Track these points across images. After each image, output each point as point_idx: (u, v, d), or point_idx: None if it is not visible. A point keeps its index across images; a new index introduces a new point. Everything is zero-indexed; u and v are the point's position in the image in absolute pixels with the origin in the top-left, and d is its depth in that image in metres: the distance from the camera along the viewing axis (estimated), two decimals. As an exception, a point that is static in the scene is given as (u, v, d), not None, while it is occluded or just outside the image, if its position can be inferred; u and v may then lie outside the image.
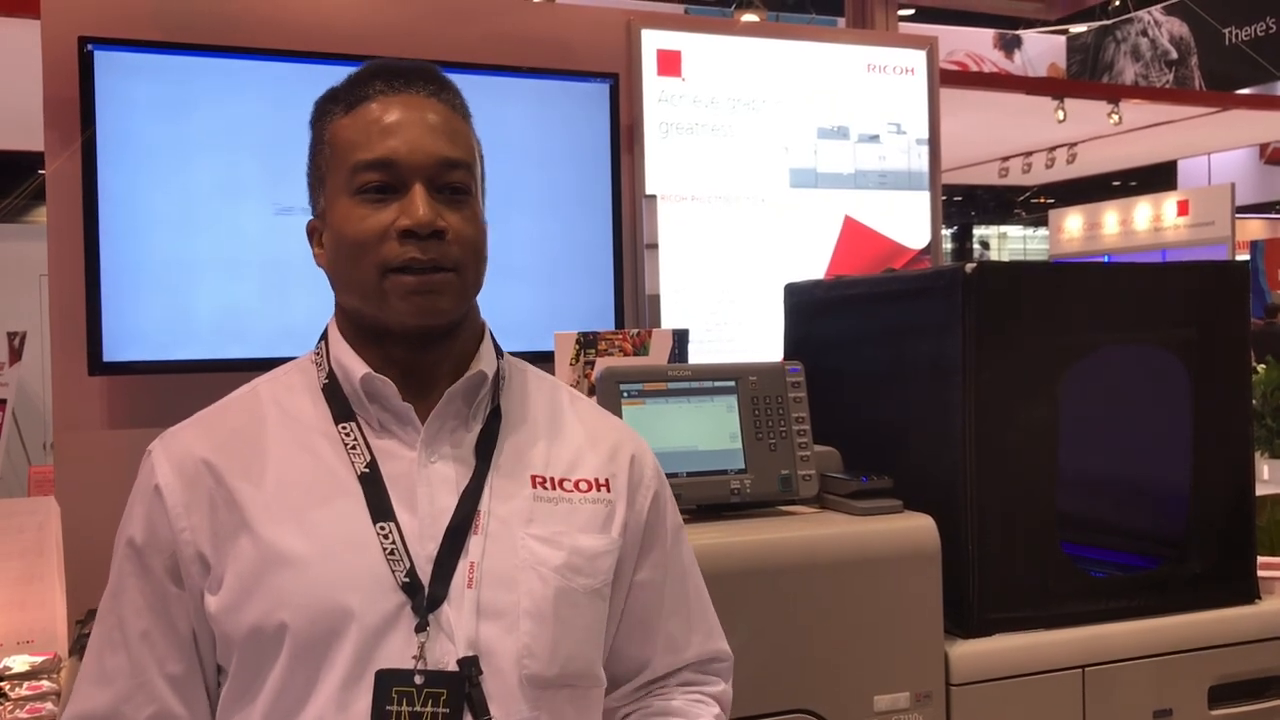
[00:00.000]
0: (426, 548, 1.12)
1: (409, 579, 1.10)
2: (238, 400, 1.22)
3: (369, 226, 1.12)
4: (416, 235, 1.12)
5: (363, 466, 1.14)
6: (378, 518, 1.12)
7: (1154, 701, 2.04)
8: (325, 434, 1.17)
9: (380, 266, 1.12)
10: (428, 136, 1.15)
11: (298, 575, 1.09)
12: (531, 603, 1.13)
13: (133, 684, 1.13)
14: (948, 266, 2.04)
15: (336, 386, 1.19)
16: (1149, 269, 2.29)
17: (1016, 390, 1.99)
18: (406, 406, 1.16)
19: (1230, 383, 2.15)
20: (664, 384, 1.94)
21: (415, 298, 1.12)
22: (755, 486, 1.93)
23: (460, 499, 1.15)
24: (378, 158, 1.13)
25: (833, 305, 2.38)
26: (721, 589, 1.75)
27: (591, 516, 1.21)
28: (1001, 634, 1.97)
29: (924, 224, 3.35)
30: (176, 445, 1.17)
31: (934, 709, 1.89)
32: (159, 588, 1.13)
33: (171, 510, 1.13)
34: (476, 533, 1.14)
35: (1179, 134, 9.72)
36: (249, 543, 1.11)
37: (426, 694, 1.06)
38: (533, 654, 1.12)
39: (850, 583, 1.84)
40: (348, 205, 1.14)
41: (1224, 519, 2.14)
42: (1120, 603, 2.06)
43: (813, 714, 1.81)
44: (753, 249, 3.12)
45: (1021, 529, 1.99)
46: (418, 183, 1.13)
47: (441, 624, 1.09)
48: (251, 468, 1.15)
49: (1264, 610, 2.14)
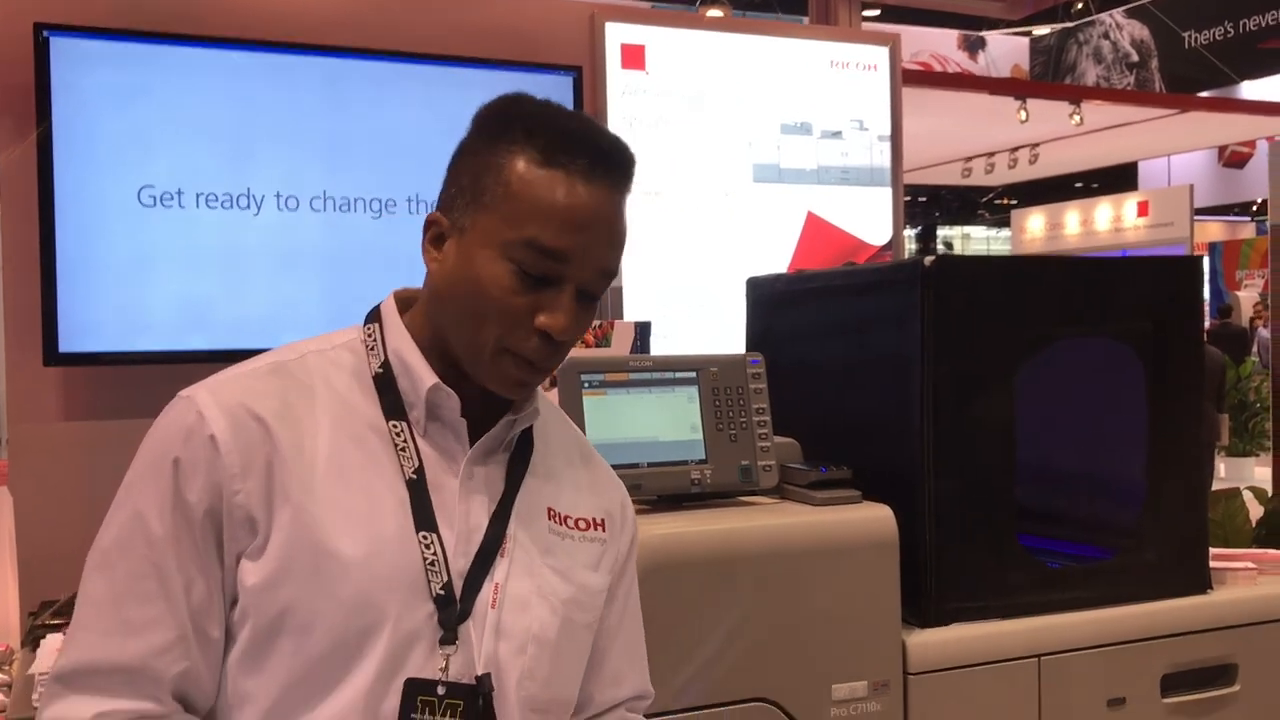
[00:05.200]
0: (459, 563, 1.14)
1: (444, 591, 1.11)
2: (287, 367, 1.16)
3: (512, 304, 1.10)
4: (551, 340, 1.11)
5: (411, 471, 1.14)
6: (421, 526, 1.12)
7: (1108, 690, 2.06)
8: (374, 427, 1.15)
9: (501, 342, 1.11)
10: (605, 246, 1.13)
11: (342, 569, 1.08)
12: (540, 629, 1.17)
13: (170, 637, 1.07)
14: (907, 260, 2.06)
15: (391, 380, 1.17)
16: (1105, 262, 2.32)
17: (975, 382, 2.01)
18: (462, 421, 1.16)
19: (1184, 376, 2.18)
20: (625, 374, 1.94)
21: (515, 385, 1.14)
22: (715, 477, 1.93)
23: (491, 520, 1.17)
24: (559, 248, 1.09)
25: (794, 298, 2.39)
26: (681, 578, 1.77)
27: (590, 554, 1.25)
28: (958, 623, 1.99)
29: (886, 220, 3.37)
30: (228, 396, 1.11)
31: (891, 698, 1.90)
32: (206, 542, 1.08)
33: (228, 467, 1.08)
34: (503, 556, 1.16)
35: (1139, 135, 9.85)
36: (298, 520, 1.08)
37: (446, 704, 1.09)
38: (533, 677, 1.17)
39: (809, 572, 1.85)
40: (498, 262, 1.10)
41: (1177, 511, 2.17)
42: (1075, 593, 2.08)
43: (771, 703, 1.82)
44: (716, 243, 3.14)
45: (979, 519, 2.01)
46: (574, 287, 1.11)
47: (464, 639, 1.12)
48: (304, 442, 1.11)
49: (1215, 600, 2.17)
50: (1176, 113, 9.19)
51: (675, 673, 1.76)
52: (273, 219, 2.56)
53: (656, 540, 1.77)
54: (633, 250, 2.96)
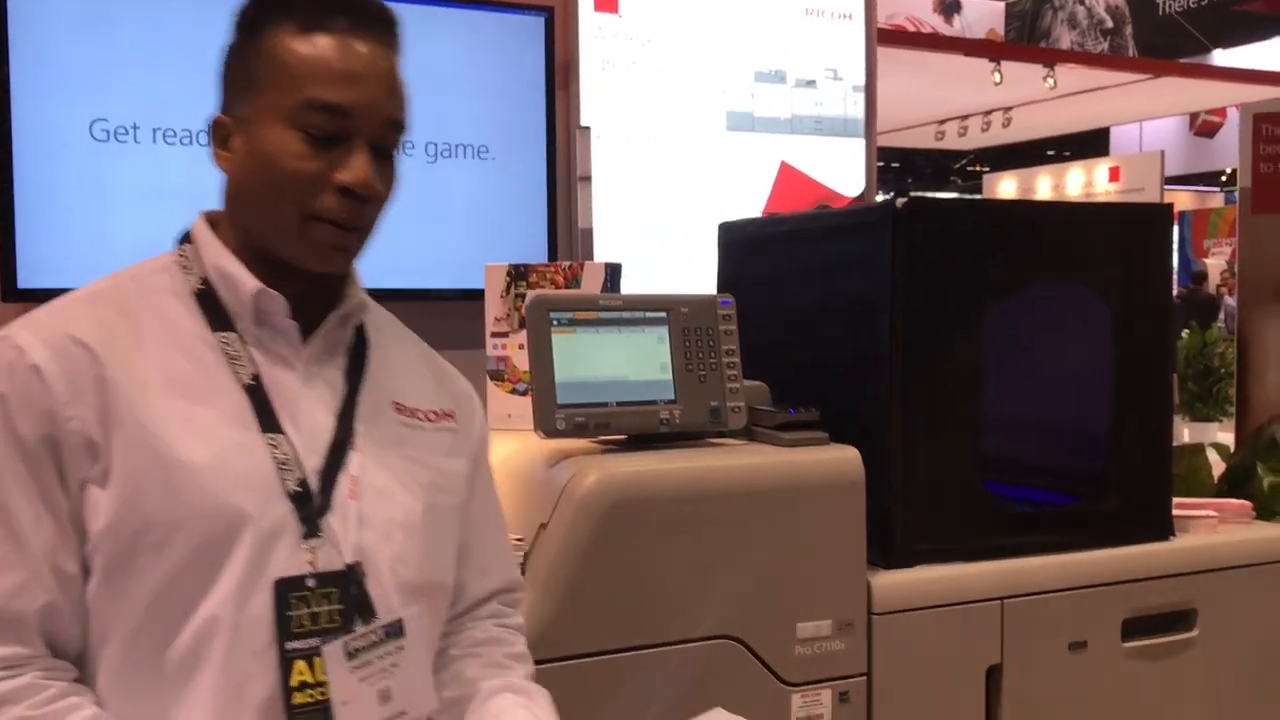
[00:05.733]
0: (311, 461, 1.16)
1: (300, 488, 1.13)
2: (104, 295, 1.17)
3: (305, 169, 1.13)
4: (353, 195, 1.14)
5: (248, 378, 1.15)
6: (266, 428, 1.14)
7: (1070, 633, 2.08)
8: (204, 341, 1.16)
9: (305, 211, 1.14)
10: (385, 96, 1.16)
11: (193, 477, 1.09)
12: (404, 514, 1.20)
13: (23, 575, 1.06)
14: (880, 202, 2.05)
15: (213, 294, 1.18)
16: (1076, 208, 2.32)
17: (944, 325, 2.01)
18: (292, 324, 1.19)
19: (1152, 323, 2.19)
20: (595, 313, 1.92)
21: (330, 251, 1.16)
22: (684, 417, 1.92)
23: (338, 417, 1.20)
24: (338, 104, 1.12)
25: (765, 242, 2.38)
26: (648, 517, 1.76)
27: (443, 442, 1.30)
28: (923, 565, 2.00)
29: (859, 171, 3.36)
30: (46, 327, 1.11)
31: (855, 637, 1.91)
32: (46, 476, 1.07)
33: (56, 395, 1.07)
34: (354, 449, 1.19)
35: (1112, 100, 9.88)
36: (138, 438, 1.08)
37: (320, 594, 1.12)
38: (404, 561, 1.20)
39: (775, 512, 1.85)
40: (285, 135, 1.13)
41: (1142, 458, 2.19)
42: (1039, 537, 2.09)
43: (736, 640, 1.83)
44: (689, 191, 3.11)
45: (945, 462, 2.02)
46: (362, 138, 1.14)
47: (328, 532, 1.14)
48: (133, 362, 1.11)
49: (1177, 547, 2.20)
50: (1149, 78, 9.21)
51: (641, 610, 1.76)
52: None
53: (623, 478, 1.77)
54: (603, 194, 2.96)
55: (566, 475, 1.77)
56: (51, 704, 1.05)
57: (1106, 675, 2.10)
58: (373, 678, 1.14)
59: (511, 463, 1.96)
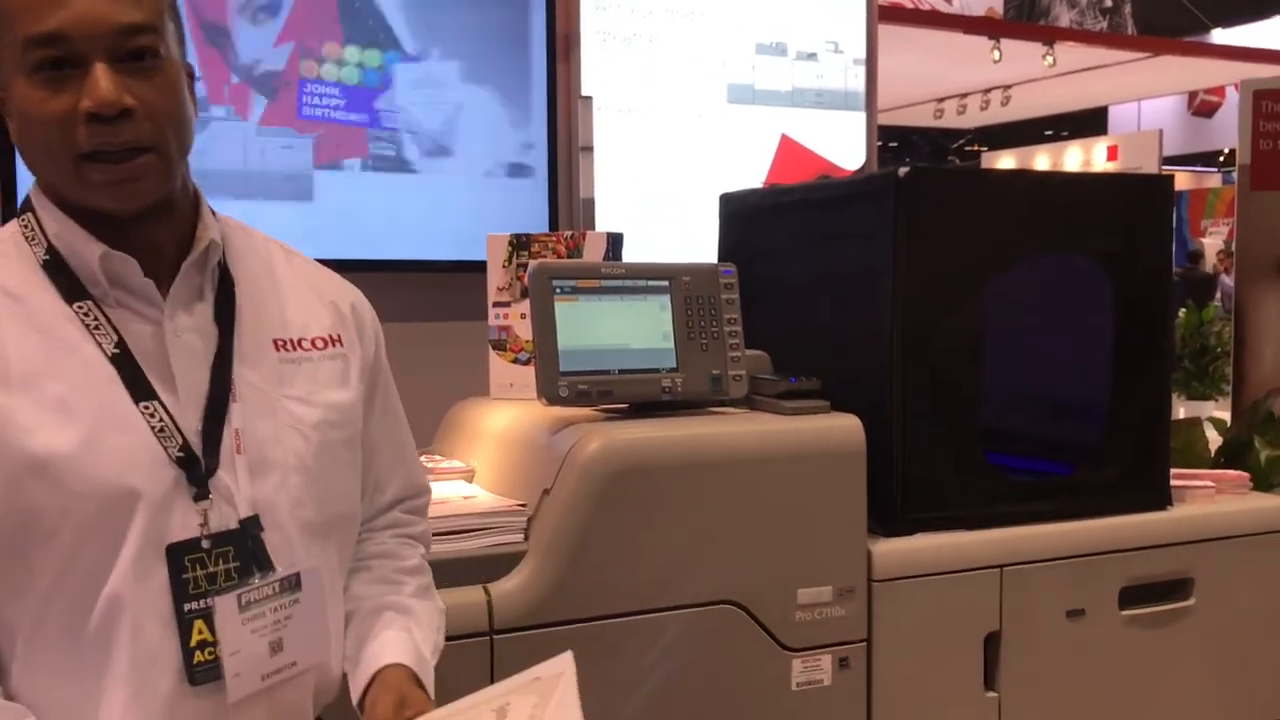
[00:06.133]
0: (191, 421, 1.13)
1: (183, 453, 1.11)
2: None
3: (51, 111, 1.06)
4: (102, 118, 1.05)
5: (112, 347, 1.11)
6: (139, 397, 1.10)
7: (1068, 601, 2.09)
8: (59, 314, 1.11)
9: (72, 154, 1.07)
10: (104, 4, 1.06)
11: (72, 463, 1.06)
12: (297, 459, 1.18)
13: None
14: (882, 171, 2.05)
15: (61, 263, 1.12)
16: (1078, 179, 2.32)
17: (945, 294, 2.02)
18: (148, 283, 1.13)
19: (1151, 294, 2.20)
20: (597, 281, 1.93)
21: (114, 187, 1.08)
22: (686, 385, 1.93)
23: (213, 370, 1.15)
24: (48, 32, 1.04)
25: (767, 213, 2.38)
26: (651, 483, 1.77)
27: (332, 372, 1.25)
28: (923, 533, 2.01)
29: (859, 145, 3.36)
30: None
31: (856, 604, 1.92)
32: None
33: None
34: (235, 400, 1.16)
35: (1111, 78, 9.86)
36: (6, 435, 1.05)
37: (216, 554, 1.11)
38: (303, 504, 1.18)
39: (776, 480, 1.86)
40: (25, 85, 1.06)
41: (1140, 427, 2.20)
42: (1038, 506, 2.10)
43: (737, 605, 1.84)
44: (689, 163, 3.12)
45: (945, 431, 2.03)
46: (97, 58, 1.05)
47: (219, 490, 1.13)
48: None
49: (1175, 516, 2.21)
50: (1148, 56, 9.21)
51: (643, 574, 1.77)
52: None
53: (626, 445, 1.77)
54: (605, 165, 2.96)
55: (569, 442, 1.78)
56: None
57: (1104, 643, 2.12)
58: (264, 630, 1.14)
59: (515, 429, 1.97)
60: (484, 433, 2.06)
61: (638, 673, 1.77)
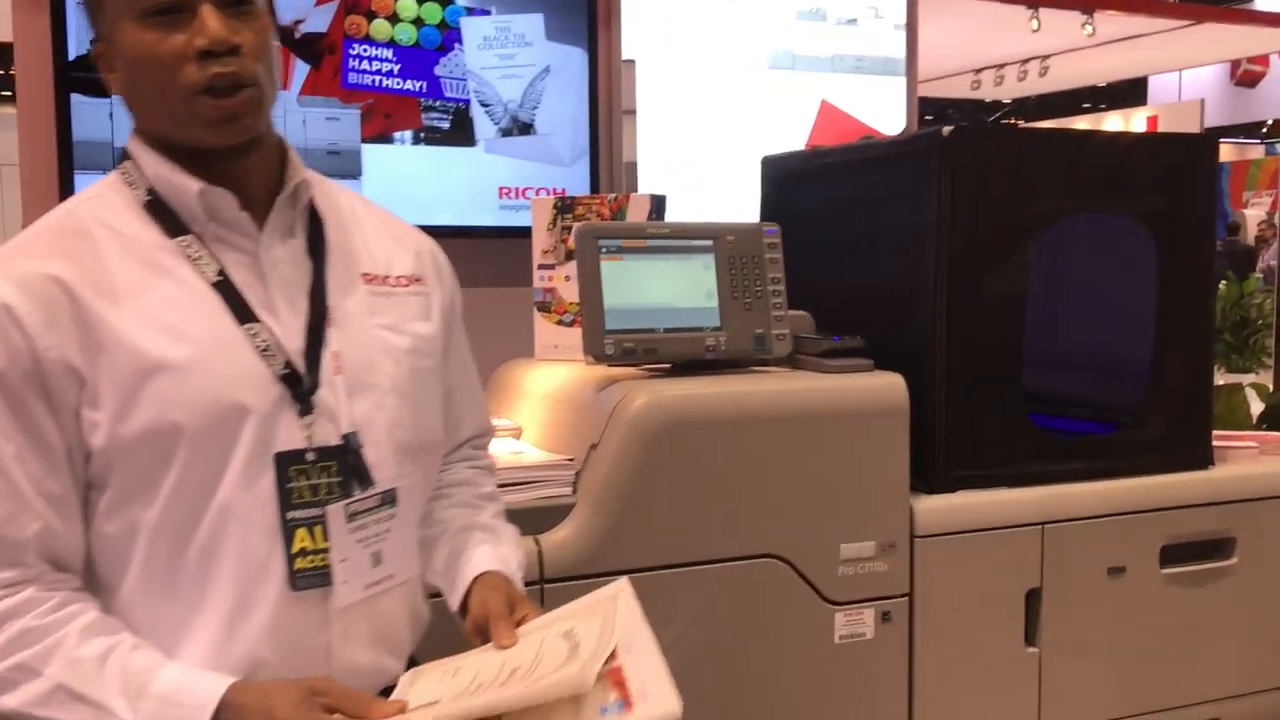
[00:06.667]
0: (292, 344, 1.20)
1: (287, 370, 1.18)
2: (61, 224, 1.19)
3: (165, 50, 1.14)
4: (214, 54, 1.13)
5: (214, 275, 1.18)
6: (242, 319, 1.18)
7: (1109, 559, 2.11)
8: (163, 249, 1.18)
9: (184, 90, 1.14)
10: None
11: (182, 378, 1.13)
12: (392, 382, 1.25)
13: (12, 505, 1.11)
14: (925, 130, 2.06)
15: (161, 203, 1.20)
16: (1122, 137, 2.31)
17: (988, 253, 2.03)
18: (244, 216, 1.20)
19: (1195, 254, 2.20)
20: (642, 241, 1.95)
21: (221, 122, 1.16)
22: (730, 344, 1.95)
23: (310, 297, 1.23)
24: None
25: (809, 175, 2.40)
26: (695, 439, 1.80)
27: (417, 306, 1.33)
28: (965, 490, 2.03)
29: (899, 111, 3.35)
30: (13, 269, 1.13)
31: (898, 559, 1.95)
32: (26, 408, 1.11)
33: (30, 328, 1.10)
34: (332, 326, 1.23)
35: (1151, 48, 9.70)
36: (121, 354, 1.12)
37: (319, 467, 1.18)
38: (400, 425, 1.25)
39: (821, 437, 1.89)
40: (135, 30, 1.14)
41: (1183, 387, 2.20)
42: (1080, 464, 2.12)
43: (781, 559, 1.87)
44: (730, 129, 3.12)
45: (988, 390, 2.04)
46: (205, 5, 1.14)
47: (322, 407, 1.19)
48: (102, 284, 1.14)
49: (1216, 476, 2.22)
50: (1190, 24, 9.03)
51: (688, 527, 1.80)
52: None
53: (671, 400, 1.80)
54: (646, 129, 2.97)
55: (616, 398, 1.81)
56: (54, 613, 1.10)
57: (1144, 601, 2.14)
58: (367, 541, 1.21)
59: (561, 388, 2.00)
60: (530, 392, 2.10)
61: (682, 624, 1.80)
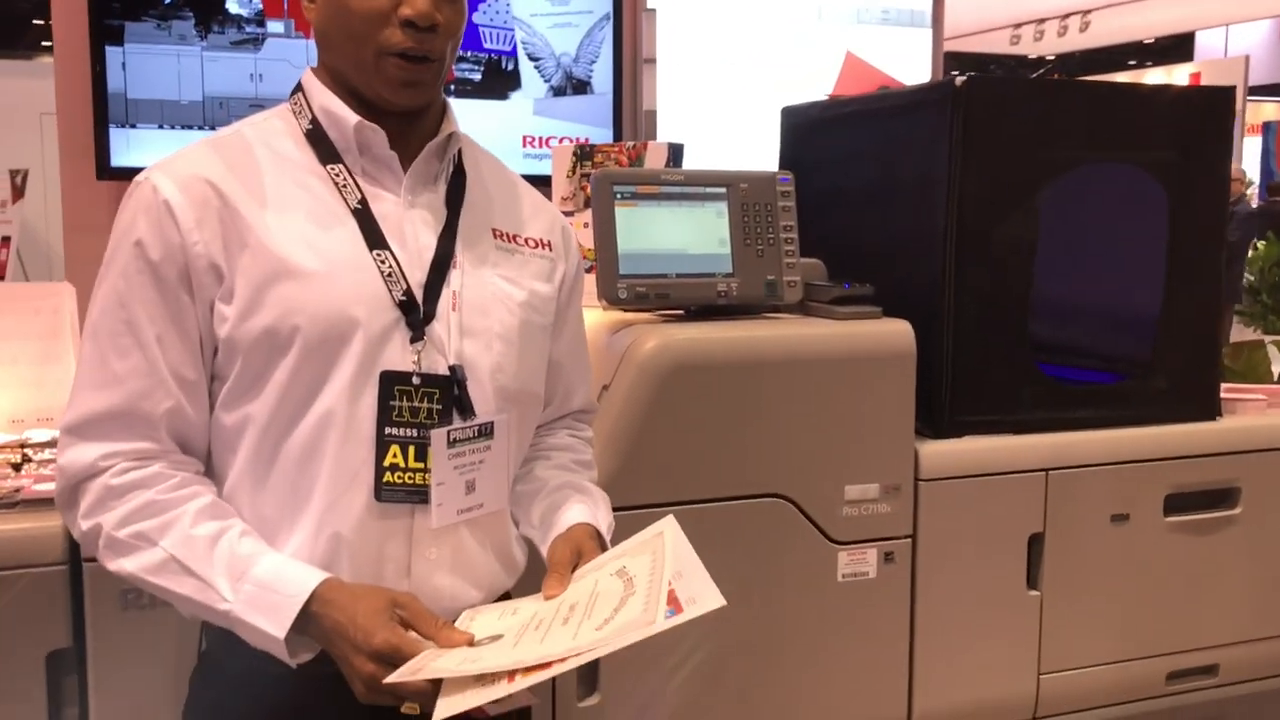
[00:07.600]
0: (415, 276, 1.27)
1: (405, 298, 1.25)
2: (225, 139, 1.29)
3: (372, 8, 1.22)
4: (416, 26, 1.22)
5: (355, 203, 1.26)
6: (373, 245, 1.25)
7: (1112, 506, 2.15)
8: (314, 173, 1.27)
9: (378, 48, 1.23)
10: None
11: (308, 286, 1.21)
12: (502, 328, 1.32)
13: (150, 381, 1.20)
14: (939, 80, 2.08)
15: (322, 133, 1.29)
16: (1136, 88, 2.32)
17: (1000, 202, 2.05)
18: (392, 154, 1.29)
19: (1207, 207, 2.21)
20: (657, 187, 1.99)
21: (404, 86, 1.25)
22: (741, 290, 1.99)
23: (439, 238, 1.30)
24: None
25: (826, 124, 2.42)
26: (705, 381, 1.85)
27: (540, 268, 1.40)
28: (971, 436, 2.07)
29: (925, 63, 3.35)
30: (176, 170, 1.23)
31: (902, 501, 2.00)
32: (173, 296, 1.20)
33: (183, 224, 1.20)
34: (455, 267, 1.30)
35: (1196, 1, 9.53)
36: (260, 255, 1.21)
37: (423, 393, 1.24)
38: (502, 369, 1.31)
39: (827, 381, 1.93)
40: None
41: (1191, 338, 2.22)
42: (1086, 412, 2.15)
43: (786, 499, 1.92)
44: (755, 80, 3.14)
45: (996, 337, 2.07)
46: None
47: (432, 338, 1.26)
48: (253, 193, 1.23)
49: (1222, 427, 2.24)
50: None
51: (696, 466, 1.86)
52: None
53: (681, 344, 1.85)
54: (668, 79, 3.00)
55: (627, 341, 1.86)
56: (176, 490, 1.20)
57: (1147, 548, 2.17)
58: (464, 468, 1.27)
59: (576, 330, 2.05)
60: (547, 334, 2.15)
61: (690, 559, 1.86)
